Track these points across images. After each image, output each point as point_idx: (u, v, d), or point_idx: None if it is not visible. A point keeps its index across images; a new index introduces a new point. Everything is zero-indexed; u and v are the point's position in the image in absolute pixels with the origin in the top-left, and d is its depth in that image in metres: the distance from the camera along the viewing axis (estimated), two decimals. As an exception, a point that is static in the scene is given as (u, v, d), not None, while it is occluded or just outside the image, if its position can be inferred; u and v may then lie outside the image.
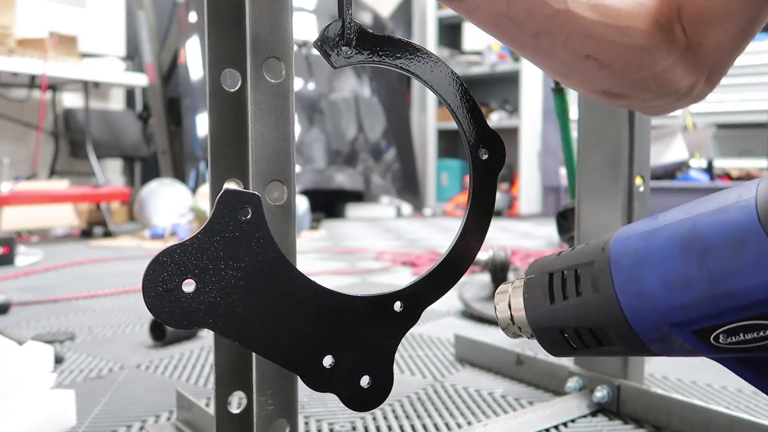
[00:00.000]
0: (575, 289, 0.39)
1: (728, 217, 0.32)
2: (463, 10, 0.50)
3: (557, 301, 0.40)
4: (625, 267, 0.36)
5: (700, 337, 0.34)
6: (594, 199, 0.80)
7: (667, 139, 3.35)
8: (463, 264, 0.51)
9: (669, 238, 0.35)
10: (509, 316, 0.43)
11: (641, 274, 0.35)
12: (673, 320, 0.34)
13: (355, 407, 0.46)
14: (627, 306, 0.36)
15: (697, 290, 0.33)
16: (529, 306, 0.42)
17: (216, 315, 0.40)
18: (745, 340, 0.33)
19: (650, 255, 0.35)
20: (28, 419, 0.68)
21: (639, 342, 0.37)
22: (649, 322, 0.36)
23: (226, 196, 0.40)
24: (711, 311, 0.33)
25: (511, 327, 0.44)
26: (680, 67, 0.55)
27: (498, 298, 0.45)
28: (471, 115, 0.50)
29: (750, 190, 0.33)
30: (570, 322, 0.39)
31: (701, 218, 0.34)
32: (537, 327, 0.42)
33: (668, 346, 0.36)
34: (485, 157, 0.50)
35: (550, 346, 0.42)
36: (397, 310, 0.48)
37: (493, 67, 4.38)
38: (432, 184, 4.64)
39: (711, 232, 0.33)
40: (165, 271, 0.39)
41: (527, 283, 0.43)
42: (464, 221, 0.50)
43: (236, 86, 0.53)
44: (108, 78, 3.29)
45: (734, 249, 0.32)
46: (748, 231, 0.31)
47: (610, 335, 0.38)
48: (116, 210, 3.45)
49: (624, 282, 0.36)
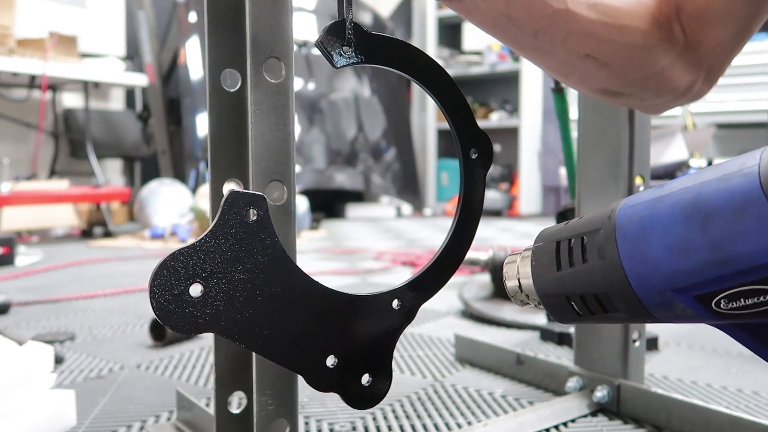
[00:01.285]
0: (581, 256, 0.40)
1: (731, 184, 0.33)
2: (462, 9, 0.50)
3: (564, 268, 0.41)
4: (629, 234, 0.37)
5: (702, 302, 0.35)
6: (594, 199, 0.80)
7: (667, 139, 3.35)
8: (456, 260, 0.52)
9: (673, 205, 0.35)
10: (517, 283, 0.44)
11: (645, 240, 0.36)
12: (676, 286, 0.35)
13: (357, 405, 0.47)
14: (631, 272, 0.37)
15: (699, 256, 0.33)
16: (537, 273, 0.42)
17: (223, 319, 0.40)
18: (746, 305, 0.33)
19: (654, 222, 0.36)
20: (28, 419, 0.68)
21: (642, 307, 0.37)
22: (652, 288, 0.36)
23: (233, 198, 0.40)
24: (712, 276, 0.33)
25: (519, 295, 0.44)
26: (679, 66, 0.55)
27: (507, 266, 0.45)
28: (462, 115, 0.51)
29: (754, 158, 0.33)
30: (576, 289, 0.40)
31: (705, 186, 0.34)
32: (544, 294, 0.42)
33: (671, 312, 0.36)
34: (475, 156, 0.52)
35: (556, 313, 0.42)
36: (395, 308, 0.48)
37: (493, 67, 4.38)
38: (432, 184, 4.64)
39: (714, 199, 0.33)
40: (172, 275, 0.38)
41: (535, 251, 0.43)
42: (455, 219, 0.52)
43: (236, 86, 0.53)
44: (108, 78, 3.29)
45: (736, 214, 0.32)
46: (749, 197, 0.32)
47: (615, 301, 0.38)
48: (116, 210, 3.45)
49: (628, 248, 0.37)
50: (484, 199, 0.53)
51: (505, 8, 0.49)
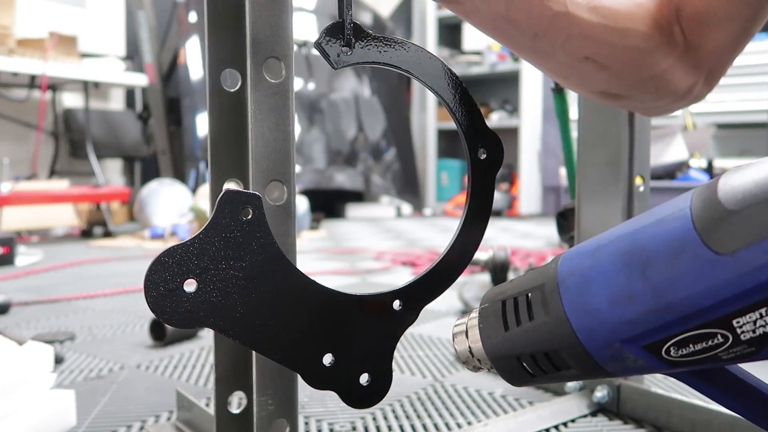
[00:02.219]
0: (528, 313, 0.38)
1: (666, 228, 0.32)
2: (462, 11, 0.50)
3: (511, 327, 0.39)
4: (572, 287, 0.36)
5: (651, 351, 0.34)
6: (594, 199, 0.80)
7: (667, 139, 3.35)
8: (461, 263, 0.51)
9: (612, 254, 0.35)
10: (467, 348, 0.42)
11: (588, 292, 0.35)
12: (623, 336, 0.34)
13: (354, 405, 0.47)
14: (577, 326, 0.36)
15: (642, 303, 0.33)
16: (485, 335, 0.41)
17: (217, 314, 0.41)
18: (695, 351, 0.33)
19: (595, 272, 0.35)
20: (28, 419, 0.68)
21: (594, 362, 0.36)
22: (600, 341, 0.35)
23: (227, 197, 0.40)
24: (657, 324, 0.33)
25: (471, 360, 0.43)
26: (679, 68, 0.55)
27: (456, 330, 0.44)
28: (470, 115, 0.50)
29: (685, 200, 0.33)
30: (525, 348, 0.38)
31: (641, 231, 0.34)
32: (494, 356, 0.41)
33: (623, 365, 0.35)
34: (483, 156, 0.51)
35: (508, 376, 0.41)
36: (396, 309, 0.48)
37: (493, 67, 4.38)
38: (432, 184, 4.63)
39: (650, 244, 0.33)
40: (167, 271, 0.39)
41: (481, 313, 0.42)
42: (462, 220, 0.51)
43: (236, 86, 0.53)
44: (108, 78, 3.29)
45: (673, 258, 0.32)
46: (685, 240, 0.31)
47: (565, 358, 0.37)
48: (116, 210, 3.45)
49: (572, 302, 0.36)
50: (493, 201, 0.51)
51: (505, 10, 0.49)
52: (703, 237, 0.31)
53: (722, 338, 0.32)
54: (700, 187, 0.33)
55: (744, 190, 0.30)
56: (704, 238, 0.31)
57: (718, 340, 0.32)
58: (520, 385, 0.41)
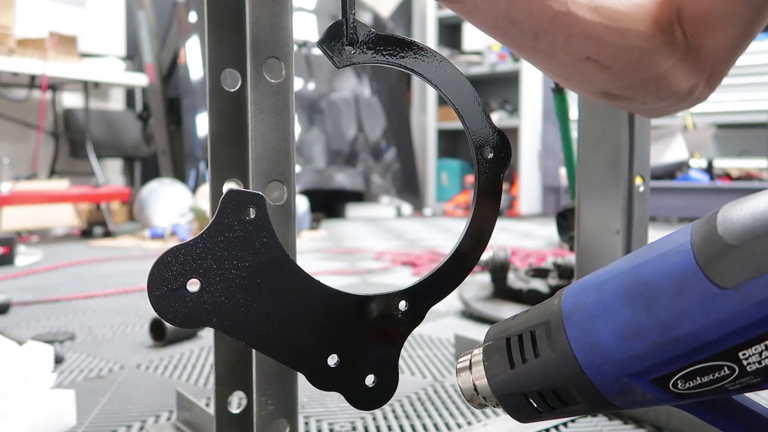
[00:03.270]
0: (533, 350, 0.38)
1: (668, 263, 0.33)
2: (463, 11, 0.50)
3: (517, 365, 0.39)
4: (577, 322, 0.36)
5: (659, 385, 0.34)
6: (594, 199, 0.80)
7: (667, 139, 3.35)
8: (469, 263, 0.50)
9: (616, 289, 0.35)
10: (472, 386, 0.42)
11: (594, 327, 0.35)
12: (630, 371, 0.34)
13: (360, 406, 0.46)
14: (584, 361, 0.36)
15: (648, 338, 0.33)
16: (490, 373, 0.41)
17: (220, 314, 0.41)
18: (702, 383, 0.33)
19: (600, 308, 0.35)
20: (28, 419, 0.68)
21: (601, 397, 0.36)
22: (607, 376, 0.35)
23: (230, 196, 0.40)
24: (664, 358, 0.33)
25: (476, 398, 0.42)
26: (680, 70, 0.55)
27: (460, 366, 0.43)
28: (476, 113, 0.49)
29: (684, 235, 0.33)
30: (532, 386, 0.38)
31: (643, 266, 0.34)
32: (500, 394, 0.41)
33: (631, 399, 0.36)
34: (490, 155, 0.50)
35: (515, 413, 0.41)
36: (402, 309, 0.48)
37: (493, 67, 4.38)
38: (432, 184, 4.64)
39: (654, 279, 0.33)
40: (170, 270, 0.39)
41: (486, 351, 0.42)
42: (470, 220, 0.50)
43: (236, 86, 0.53)
44: (108, 78, 3.29)
45: (677, 293, 0.32)
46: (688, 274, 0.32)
47: (573, 394, 0.37)
48: (116, 210, 3.45)
49: (578, 338, 0.36)
50: (501, 200, 0.51)
51: (506, 10, 0.49)
52: (706, 271, 0.31)
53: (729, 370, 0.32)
54: (699, 222, 0.33)
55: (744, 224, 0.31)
56: (707, 273, 0.31)
57: (725, 372, 0.32)
58: (527, 422, 0.41)
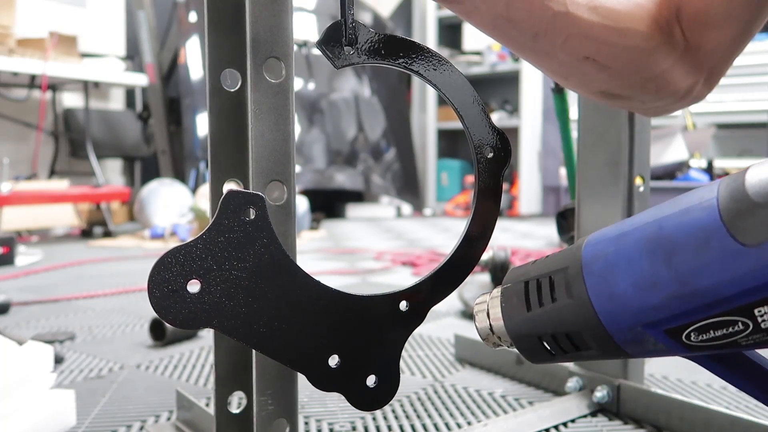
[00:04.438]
0: (550, 295, 0.40)
1: (692, 218, 0.33)
2: (462, 11, 0.50)
3: (534, 308, 0.41)
4: (596, 271, 0.37)
5: (672, 336, 0.35)
6: (594, 199, 0.80)
7: (667, 139, 3.35)
8: (469, 263, 0.50)
9: (637, 240, 0.36)
10: (488, 326, 0.44)
11: (612, 277, 0.36)
12: (645, 321, 0.35)
13: (361, 407, 0.46)
14: (600, 309, 0.37)
15: (666, 290, 0.34)
16: (507, 314, 0.42)
17: (221, 315, 0.40)
18: (715, 337, 0.34)
19: (620, 258, 0.36)
20: (28, 419, 0.68)
21: (614, 344, 0.37)
22: (622, 324, 0.36)
23: (230, 197, 0.40)
24: (680, 310, 0.34)
25: (491, 337, 0.44)
26: (679, 69, 0.55)
27: (477, 308, 0.45)
28: (476, 113, 0.49)
29: (711, 191, 0.33)
30: (547, 328, 0.40)
31: (667, 220, 0.35)
32: (515, 335, 0.42)
33: (643, 347, 0.37)
34: (490, 155, 0.50)
35: (529, 354, 0.42)
36: (403, 310, 0.48)
37: (493, 67, 4.38)
38: (432, 184, 4.63)
39: (676, 233, 0.34)
40: (170, 271, 0.39)
41: (504, 292, 0.43)
42: (470, 220, 0.50)
43: (236, 86, 0.53)
44: (108, 78, 3.29)
45: (699, 248, 0.33)
46: (711, 230, 0.32)
47: (586, 339, 0.38)
48: (116, 210, 3.45)
49: (596, 286, 0.37)
50: (500, 200, 0.51)
51: (505, 10, 0.49)
52: (730, 228, 0.32)
53: (743, 326, 0.33)
54: (727, 178, 0.33)
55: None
56: (731, 229, 0.32)
57: (739, 327, 0.33)
58: (539, 363, 0.43)
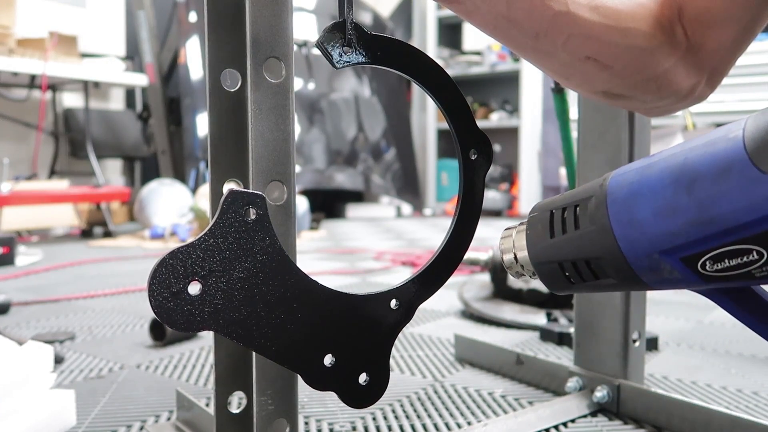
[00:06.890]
0: (574, 223, 0.41)
1: (716, 149, 0.34)
2: (463, 11, 0.50)
3: (557, 235, 0.42)
4: (619, 199, 0.38)
5: (688, 264, 0.36)
6: (594, 199, 0.80)
7: (667, 139, 3.35)
8: (454, 261, 0.52)
9: (661, 170, 0.36)
10: (513, 255, 0.45)
11: (634, 204, 0.37)
12: (663, 247, 0.36)
13: (353, 404, 0.47)
14: (620, 235, 0.38)
15: (685, 216, 0.35)
16: (531, 242, 0.44)
17: (221, 317, 0.40)
18: (730, 266, 0.34)
19: (643, 186, 0.37)
20: (28, 419, 0.68)
21: (631, 272, 0.38)
22: (640, 251, 0.37)
23: (231, 197, 0.40)
24: (697, 236, 0.34)
25: (515, 266, 0.45)
26: (681, 69, 0.55)
27: (503, 240, 0.47)
28: (462, 116, 0.51)
29: (739, 125, 0.34)
30: (568, 255, 0.41)
31: (692, 151, 0.35)
32: (537, 261, 0.43)
33: (659, 275, 0.37)
34: (474, 157, 0.52)
35: (549, 281, 0.44)
36: (393, 308, 0.48)
37: (493, 67, 4.38)
38: (432, 184, 4.64)
39: (700, 163, 0.34)
40: (171, 273, 0.39)
41: (530, 221, 0.45)
42: (454, 219, 0.52)
43: (236, 86, 0.53)
44: (108, 78, 3.29)
45: (720, 175, 0.33)
46: (733, 159, 0.33)
47: (605, 267, 0.39)
48: (116, 210, 3.45)
49: (618, 213, 0.38)
50: (483, 200, 0.53)
51: (506, 10, 0.49)
52: (752, 157, 0.32)
53: (757, 255, 0.33)
54: (757, 112, 0.34)
55: None
56: (753, 158, 0.32)
57: (753, 257, 0.33)
58: (559, 292, 0.44)
